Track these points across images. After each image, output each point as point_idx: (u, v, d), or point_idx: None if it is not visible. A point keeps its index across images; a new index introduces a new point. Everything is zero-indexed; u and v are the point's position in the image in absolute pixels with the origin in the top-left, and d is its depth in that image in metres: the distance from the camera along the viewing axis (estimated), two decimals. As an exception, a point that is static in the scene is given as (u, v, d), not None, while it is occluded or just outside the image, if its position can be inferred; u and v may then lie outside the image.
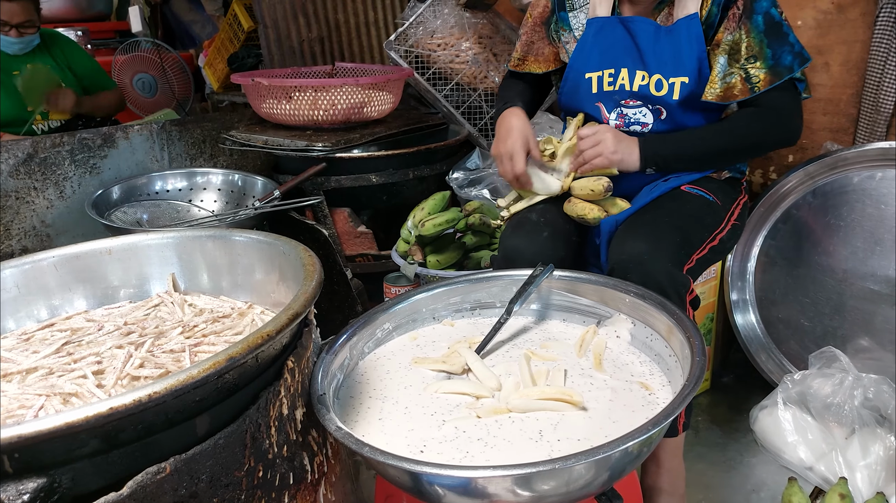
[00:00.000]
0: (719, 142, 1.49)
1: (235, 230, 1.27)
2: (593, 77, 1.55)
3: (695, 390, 0.93)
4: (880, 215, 1.77)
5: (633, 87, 1.51)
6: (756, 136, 1.49)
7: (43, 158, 2.27)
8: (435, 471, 0.84)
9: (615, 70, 1.53)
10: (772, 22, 1.42)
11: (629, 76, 1.51)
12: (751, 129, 1.47)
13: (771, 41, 1.42)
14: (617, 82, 1.53)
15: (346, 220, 2.30)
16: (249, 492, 0.87)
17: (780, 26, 1.42)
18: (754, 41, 1.41)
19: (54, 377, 0.96)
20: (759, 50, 1.41)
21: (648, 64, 1.49)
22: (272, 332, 0.86)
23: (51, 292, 1.21)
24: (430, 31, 2.57)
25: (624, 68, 1.52)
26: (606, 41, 1.53)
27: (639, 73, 1.50)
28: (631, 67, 1.51)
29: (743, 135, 1.48)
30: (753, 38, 1.41)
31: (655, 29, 1.48)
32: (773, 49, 1.41)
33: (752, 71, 1.42)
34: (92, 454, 0.75)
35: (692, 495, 1.57)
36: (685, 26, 1.45)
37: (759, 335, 1.99)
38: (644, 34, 1.49)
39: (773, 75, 1.42)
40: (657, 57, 1.48)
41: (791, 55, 1.42)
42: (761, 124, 1.46)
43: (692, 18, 1.44)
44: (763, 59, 1.42)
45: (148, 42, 3.86)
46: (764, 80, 1.42)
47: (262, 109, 2.37)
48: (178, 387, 0.75)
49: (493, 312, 1.34)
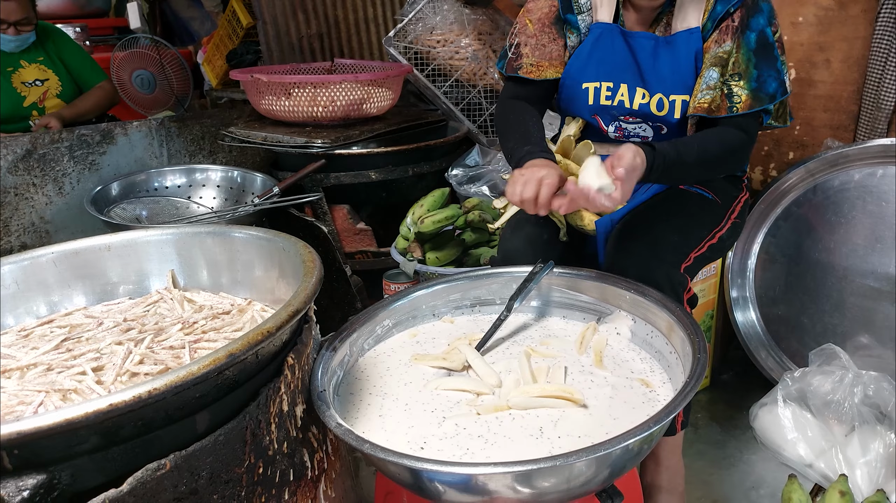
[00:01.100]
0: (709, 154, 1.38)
1: (235, 226, 1.26)
2: (590, 87, 1.50)
3: (696, 388, 0.93)
4: (881, 212, 1.77)
5: (634, 106, 1.47)
6: (717, 157, 1.39)
7: (42, 155, 2.27)
8: (436, 467, 0.84)
9: (614, 84, 1.48)
10: (764, 42, 1.38)
11: (629, 93, 1.47)
12: (716, 149, 1.38)
13: (759, 61, 1.37)
14: (616, 98, 1.48)
15: (346, 217, 2.30)
16: (249, 488, 0.87)
17: (771, 48, 1.38)
18: (742, 58, 1.37)
19: (53, 373, 0.96)
20: (745, 69, 1.37)
21: (648, 81, 1.45)
22: (272, 329, 0.86)
23: (50, 288, 1.21)
24: (429, 27, 2.56)
25: (623, 84, 1.47)
26: (605, 51, 1.48)
27: (639, 90, 1.46)
28: (631, 84, 1.47)
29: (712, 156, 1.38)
30: (742, 54, 1.37)
31: (655, 43, 1.44)
32: (760, 71, 1.37)
33: (735, 89, 1.37)
34: (92, 450, 0.74)
35: (691, 492, 1.57)
36: (685, 40, 1.41)
37: (759, 332, 1.99)
38: (643, 50, 1.45)
39: (754, 100, 1.37)
40: (657, 74, 1.44)
41: (776, 83, 1.38)
42: (724, 146, 1.38)
43: (693, 32, 1.40)
44: (747, 80, 1.37)
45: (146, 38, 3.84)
46: (745, 103, 1.37)
47: (261, 106, 2.36)
48: (178, 384, 0.74)
49: (493, 309, 1.34)
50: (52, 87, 2.76)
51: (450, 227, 2.04)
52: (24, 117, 2.70)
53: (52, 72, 2.76)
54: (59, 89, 2.78)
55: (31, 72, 2.72)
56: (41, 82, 2.73)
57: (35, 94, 2.71)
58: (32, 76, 2.71)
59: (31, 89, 2.70)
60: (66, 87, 2.80)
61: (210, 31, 4.27)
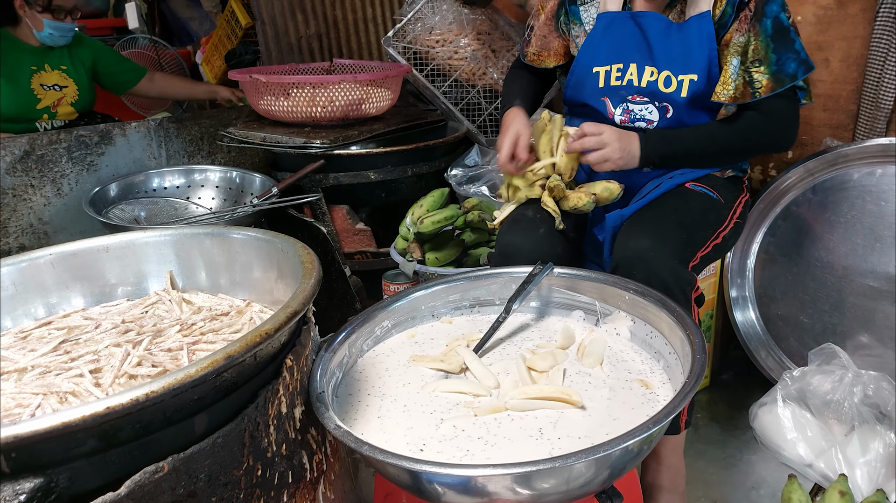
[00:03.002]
0: (717, 143, 1.48)
1: (233, 227, 1.26)
2: (601, 71, 1.54)
3: (696, 388, 0.92)
4: (880, 212, 1.77)
5: (642, 83, 1.50)
6: (751, 141, 1.49)
7: (40, 156, 2.26)
8: (435, 469, 0.84)
9: (624, 65, 1.52)
10: (780, 27, 1.41)
11: (638, 72, 1.50)
12: (748, 133, 1.47)
13: (777, 46, 1.41)
14: (625, 77, 1.52)
15: (345, 218, 2.29)
16: (248, 490, 0.87)
17: (787, 31, 1.42)
18: (761, 45, 1.41)
19: (51, 376, 0.96)
20: (765, 54, 1.41)
21: (658, 60, 1.48)
22: (271, 330, 0.85)
23: (48, 290, 1.21)
24: (428, 27, 2.56)
25: (633, 63, 1.51)
26: (616, 36, 1.52)
27: (648, 68, 1.49)
28: (640, 63, 1.50)
29: (740, 138, 1.48)
30: (760, 41, 1.41)
31: (667, 25, 1.47)
32: (778, 54, 1.41)
33: (756, 75, 1.42)
34: (89, 453, 0.74)
35: (692, 492, 1.57)
36: (697, 24, 1.44)
37: (759, 332, 1.99)
38: (654, 29, 1.48)
39: (776, 82, 1.41)
40: (667, 53, 1.47)
41: (796, 62, 1.42)
42: (758, 129, 1.46)
43: (704, 16, 1.43)
44: (767, 65, 1.41)
45: (145, 39, 3.84)
46: (766, 86, 1.41)
47: (259, 106, 2.36)
48: (176, 386, 0.74)
49: (492, 310, 1.33)
50: (68, 95, 2.74)
51: (449, 228, 2.04)
52: (33, 119, 2.68)
53: (72, 81, 2.75)
54: (75, 98, 2.76)
55: (52, 76, 2.69)
56: (59, 88, 2.71)
57: (51, 99, 2.69)
58: (52, 80, 2.69)
59: (49, 93, 2.68)
60: (83, 97, 2.79)
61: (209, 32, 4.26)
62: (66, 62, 2.74)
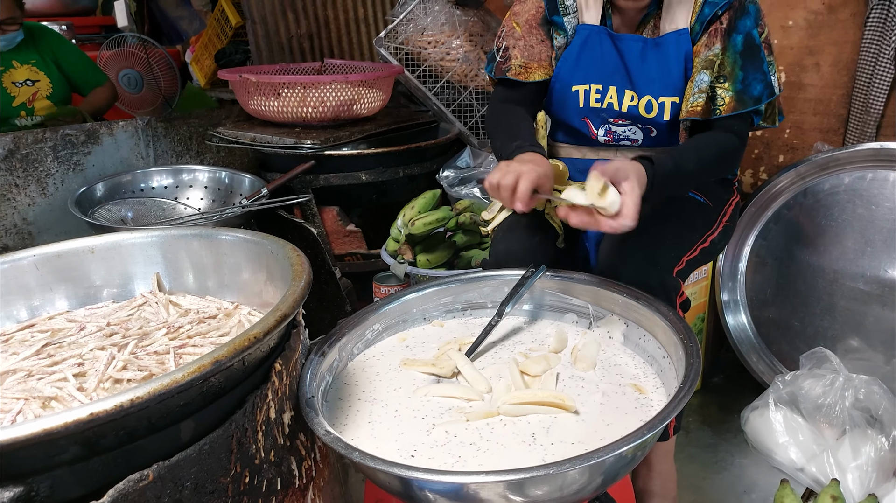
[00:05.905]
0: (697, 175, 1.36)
1: (222, 229, 1.24)
2: (580, 90, 1.49)
3: (690, 393, 0.91)
4: (871, 216, 1.77)
5: (623, 108, 1.46)
6: (713, 163, 1.37)
7: (25, 154, 2.23)
8: (426, 476, 0.82)
9: (603, 86, 1.47)
10: (751, 44, 1.37)
11: (618, 95, 1.46)
12: (712, 154, 1.36)
13: (745, 63, 1.37)
14: (605, 100, 1.48)
15: (335, 219, 2.27)
16: (236, 498, 0.85)
17: (757, 49, 1.37)
18: (728, 60, 1.37)
19: (34, 380, 0.93)
20: (731, 71, 1.36)
21: (637, 84, 1.45)
22: (259, 334, 0.84)
23: (31, 292, 1.18)
24: (420, 28, 2.55)
25: (612, 86, 1.46)
26: (593, 53, 1.48)
27: (628, 92, 1.46)
28: (619, 86, 1.46)
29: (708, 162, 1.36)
30: (728, 56, 1.37)
31: (643, 45, 1.43)
32: (745, 73, 1.36)
33: (719, 91, 1.37)
34: (72, 461, 0.72)
35: (684, 497, 1.56)
36: (674, 42, 1.41)
37: (750, 336, 1.99)
38: (632, 53, 1.44)
39: (738, 102, 1.36)
40: (645, 76, 1.43)
41: (762, 84, 1.37)
42: (719, 150, 1.36)
43: (682, 34, 1.40)
44: (732, 82, 1.36)
45: (134, 37, 3.80)
46: (728, 105, 1.36)
47: (249, 106, 2.34)
48: (162, 392, 0.72)
49: (484, 313, 1.32)
50: (42, 89, 2.72)
51: (441, 229, 2.03)
52: (11, 118, 2.66)
53: (43, 73, 2.73)
54: (49, 91, 2.74)
55: (23, 72, 2.68)
56: (32, 83, 2.69)
57: (25, 95, 2.67)
58: (23, 76, 2.67)
59: (21, 89, 2.66)
60: (58, 89, 2.76)
61: (198, 31, 4.23)
62: (35, 56, 2.71)
